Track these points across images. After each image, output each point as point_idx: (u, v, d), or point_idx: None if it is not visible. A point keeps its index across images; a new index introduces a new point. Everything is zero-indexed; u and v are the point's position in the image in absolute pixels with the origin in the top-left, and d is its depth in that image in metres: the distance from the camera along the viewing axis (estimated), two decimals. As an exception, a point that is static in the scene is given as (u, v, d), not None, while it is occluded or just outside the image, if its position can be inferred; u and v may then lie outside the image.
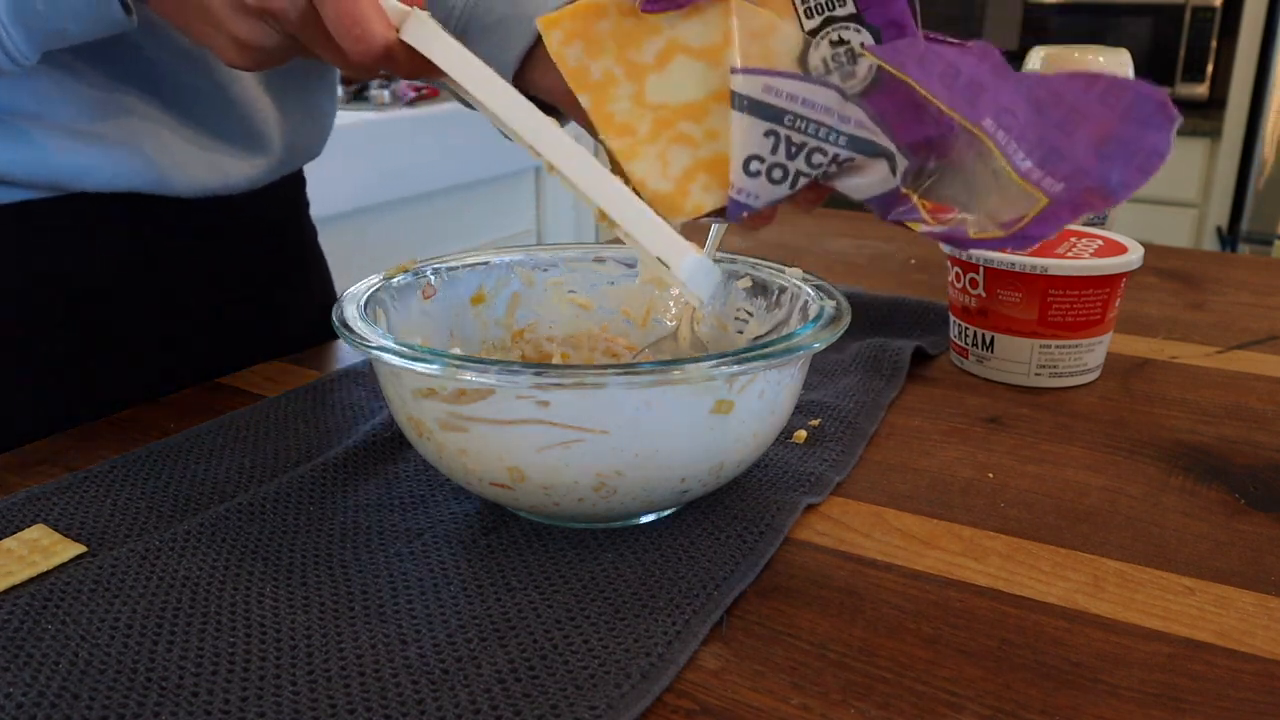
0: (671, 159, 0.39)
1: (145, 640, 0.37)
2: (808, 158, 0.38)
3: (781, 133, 0.38)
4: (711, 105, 0.38)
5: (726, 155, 0.39)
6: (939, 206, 0.39)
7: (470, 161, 2.50)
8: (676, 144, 0.39)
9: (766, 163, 0.38)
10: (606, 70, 0.39)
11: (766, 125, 0.38)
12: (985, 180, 0.37)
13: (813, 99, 0.37)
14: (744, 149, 0.38)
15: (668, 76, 0.38)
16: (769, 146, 0.38)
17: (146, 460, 0.51)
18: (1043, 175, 0.35)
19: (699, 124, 0.39)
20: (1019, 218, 0.36)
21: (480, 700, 0.33)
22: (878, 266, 0.92)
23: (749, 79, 0.37)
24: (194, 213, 0.65)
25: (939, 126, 0.37)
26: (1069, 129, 0.35)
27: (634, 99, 0.39)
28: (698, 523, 0.45)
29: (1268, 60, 2.21)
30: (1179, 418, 0.58)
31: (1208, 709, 0.34)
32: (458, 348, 0.54)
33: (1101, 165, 0.35)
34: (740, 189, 0.39)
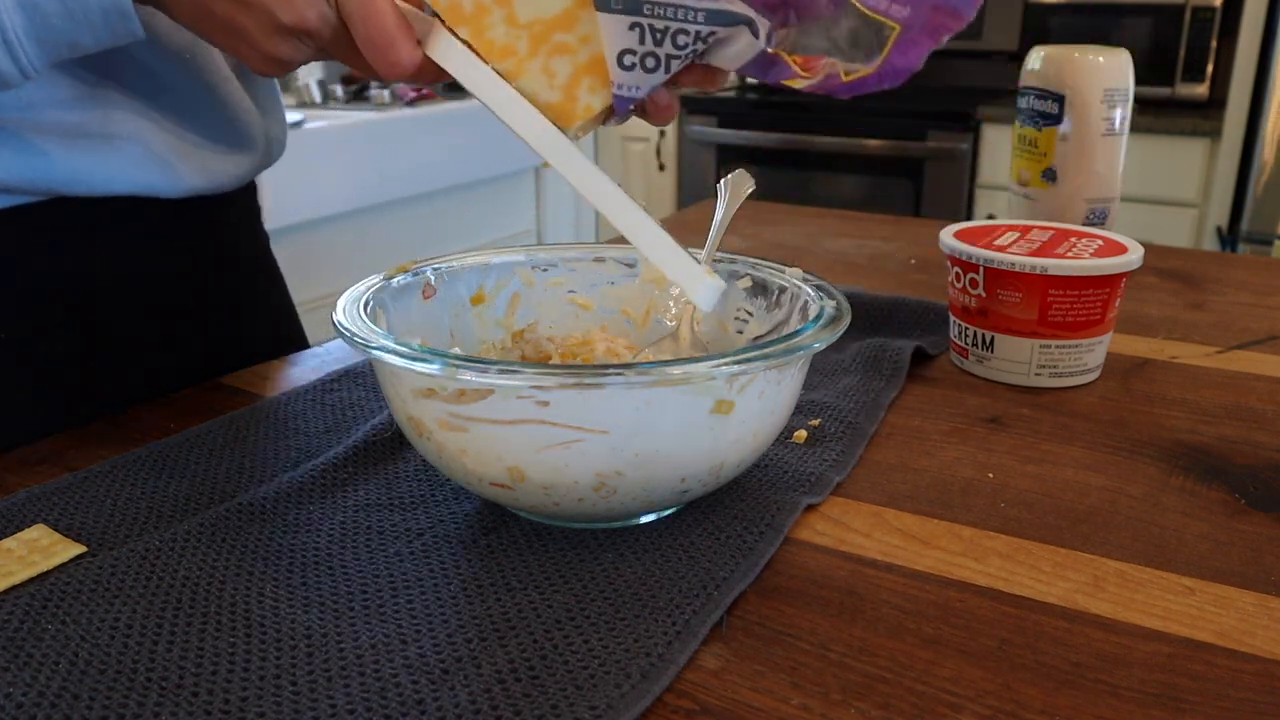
0: (555, 69, 0.42)
1: (145, 640, 0.37)
2: (673, 40, 0.40)
3: (644, 22, 0.40)
4: (579, 12, 0.41)
5: (602, 55, 0.41)
6: (808, 59, 0.42)
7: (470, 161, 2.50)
8: (556, 55, 0.41)
9: (638, 53, 0.41)
10: (477, 1, 0.41)
11: (629, 19, 0.40)
12: (842, 24, 0.40)
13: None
14: (615, 45, 0.41)
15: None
16: (636, 38, 0.40)
17: (146, 460, 0.51)
18: (889, 4, 0.38)
19: (572, 32, 0.41)
20: (879, 51, 0.39)
21: (480, 700, 0.33)
22: (878, 266, 0.92)
23: None
24: (185, 212, 0.65)
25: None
26: None
27: (507, 21, 0.41)
28: (698, 523, 0.45)
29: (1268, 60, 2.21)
30: (1179, 418, 0.58)
31: (1208, 709, 0.34)
32: (458, 348, 0.54)
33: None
34: (620, 84, 0.41)
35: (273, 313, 0.77)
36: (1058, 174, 0.86)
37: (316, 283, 1.81)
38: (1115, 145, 0.86)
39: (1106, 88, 0.84)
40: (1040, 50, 0.87)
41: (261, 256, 0.77)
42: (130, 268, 0.63)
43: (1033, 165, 0.88)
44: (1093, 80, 0.84)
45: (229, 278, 0.71)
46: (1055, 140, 0.86)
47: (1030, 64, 0.88)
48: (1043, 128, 0.86)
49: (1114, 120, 0.85)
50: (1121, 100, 0.85)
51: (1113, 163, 0.86)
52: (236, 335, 0.71)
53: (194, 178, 0.62)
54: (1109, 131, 0.85)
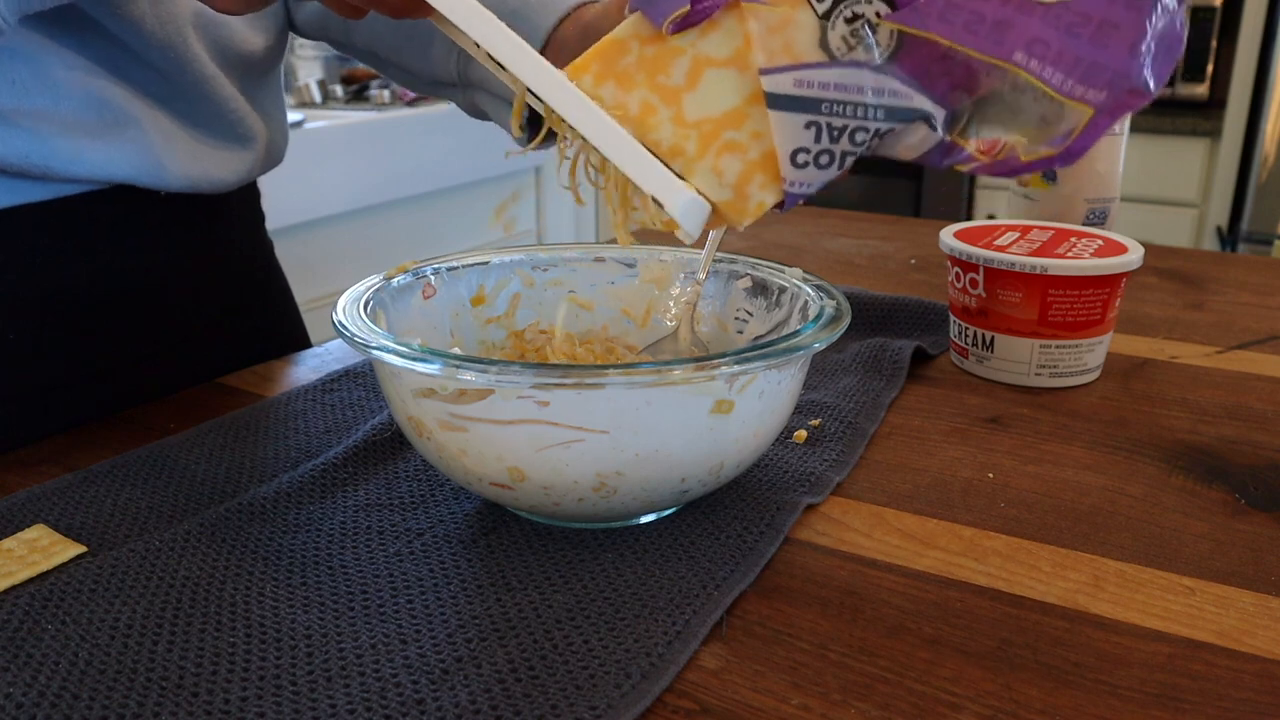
0: (724, 168, 0.40)
1: (145, 640, 0.37)
2: (851, 137, 0.39)
3: (821, 121, 0.39)
4: (749, 109, 0.39)
5: (774, 152, 0.40)
6: (988, 142, 0.40)
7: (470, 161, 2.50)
8: (726, 153, 0.40)
9: (813, 152, 0.39)
10: (643, 101, 0.40)
11: (805, 117, 0.39)
12: (1026, 105, 0.39)
13: (843, 82, 0.38)
14: (788, 144, 0.39)
15: (702, 92, 0.39)
16: (812, 137, 0.39)
17: (146, 460, 0.51)
18: (1085, 89, 0.37)
19: (741, 129, 0.40)
20: (1068, 134, 0.38)
21: (480, 700, 0.33)
22: (878, 266, 0.92)
23: (777, 77, 0.38)
24: (186, 212, 0.65)
25: (968, 69, 0.38)
26: (1102, 42, 0.36)
27: (675, 121, 0.40)
28: (698, 523, 0.45)
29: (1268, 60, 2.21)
30: (1179, 418, 0.58)
31: (1208, 709, 0.34)
32: (458, 348, 0.54)
33: (1136, 64, 0.36)
34: (792, 181, 0.40)
35: (277, 317, 0.78)
36: (1058, 174, 0.86)
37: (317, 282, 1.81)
38: (1115, 145, 0.86)
39: (1106, 88, 0.84)
40: (1040, 50, 0.87)
41: (265, 259, 0.77)
42: (132, 269, 0.63)
43: (1033, 165, 0.88)
44: (1093, 80, 0.84)
45: (232, 280, 0.71)
46: (1055, 140, 0.86)
47: (1030, 64, 0.88)
48: None
49: (1114, 120, 0.85)
50: (1121, 100, 0.85)
51: (1113, 163, 0.86)
52: (241, 339, 0.71)
53: (191, 170, 0.62)
54: (1109, 131, 0.85)
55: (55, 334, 0.60)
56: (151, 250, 0.64)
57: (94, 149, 0.57)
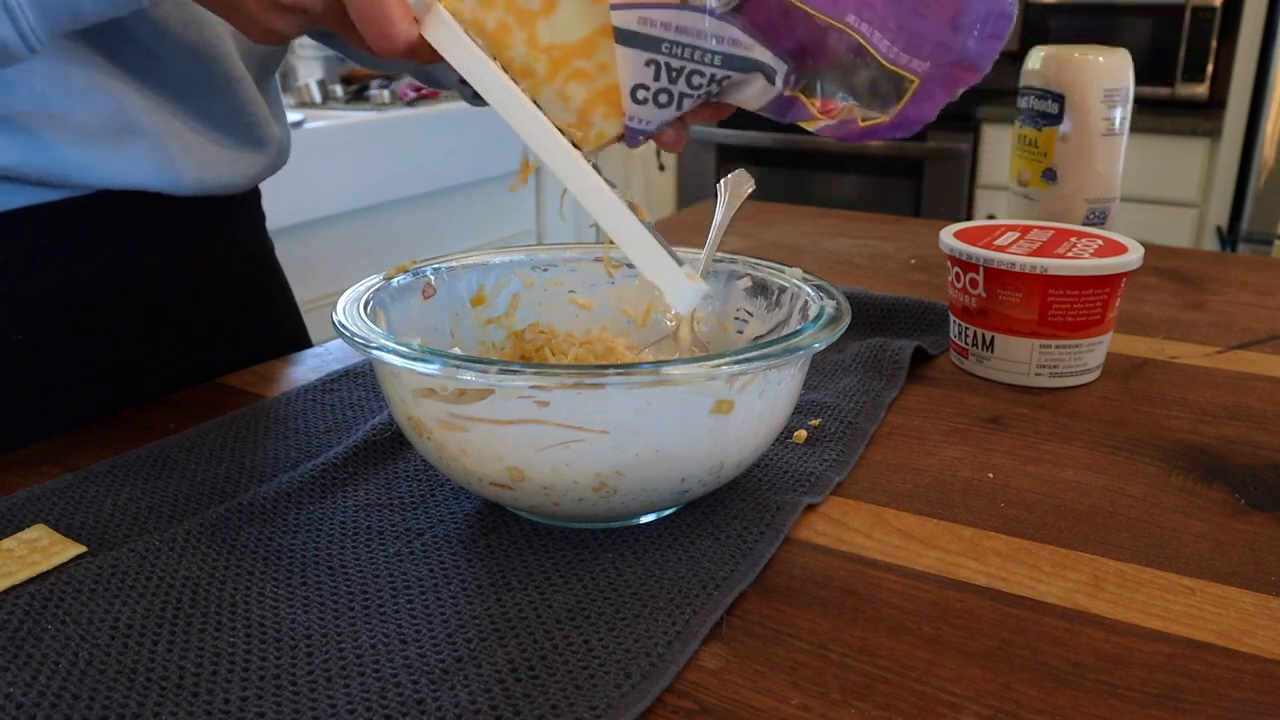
0: (570, 94, 0.42)
1: (145, 640, 0.37)
2: (688, 80, 0.41)
3: (661, 60, 0.41)
4: (599, 40, 0.41)
5: (618, 85, 0.42)
6: (826, 102, 0.42)
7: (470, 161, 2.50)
8: (573, 80, 0.42)
9: (652, 89, 0.41)
10: (500, 20, 0.41)
11: (646, 55, 0.41)
12: (862, 72, 0.41)
13: (685, 24, 0.40)
14: (630, 79, 0.41)
15: (557, 18, 0.41)
16: (651, 74, 0.41)
17: (146, 460, 0.51)
18: (909, 58, 0.39)
19: (590, 59, 0.42)
20: (896, 101, 0.40)
21: (480, 700, 0.33)
22: (878, 266, 0.92)
23: (625, 13, 0.40)
24: (188, 212, 0.65)
25: (810, 29, 0.40)
26: (922, 11, 0.38)
27: (528, 43, 0.42)
28: (698, 523, 0.45)
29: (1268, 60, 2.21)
30: (1179, 418, 0.58)
31: (1208, 709, 0.34)
32: (458, 348, 0.54)
33: (958, 37, 0.38)
34: (633, 116, 0.42)
35: (277, 317, 0.78)
36: (1058, 174, 0.86)
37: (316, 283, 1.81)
38: (1115, 145, 0.86)
39: (1106, 88, 0.84)
40: (1040, 50, 0.87)
41: (265, 259, 0.77)
42: (132, 269, 0.63)
43: (1033, 165, 0.88)
44: (1093, 80, 0.84)
45: (232, 280, 0.71)
46: (1055, 140, 0.86)
47: (1030, 64, 0.88)
48: (1043, 128, 0.86)
49: (1114, 120, 0.85)
50: (1121, 100, 0.85)
51: (1113, 163, 0.86)
52: (241, 339, 0.71)
53: (204, 175, 0.62)
54: (1109, 131, 0.85)
55: (55, 334, 0.60)
56: (152, 250, 0.64)
57: (109, 157, 0.57)
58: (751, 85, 0.41)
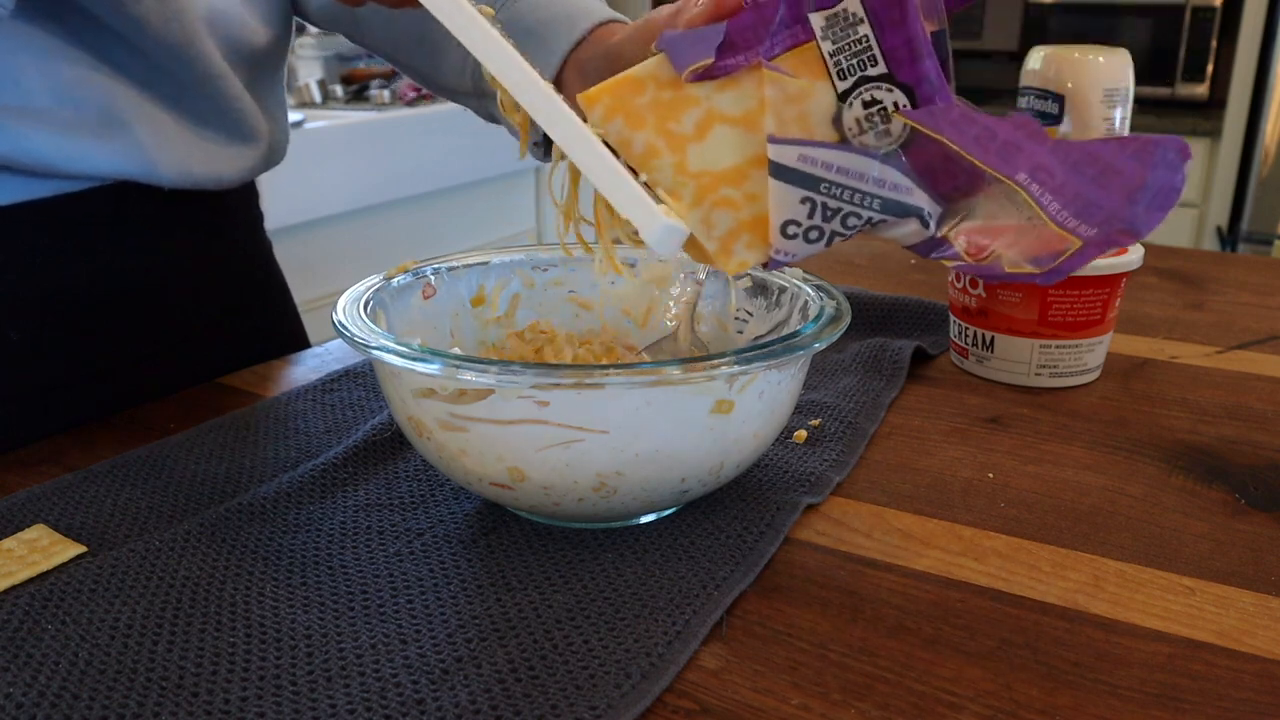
0: (715, 222, 0.40)
1: (145, 640, 0.37)
2: (843, 220, 0.39)
3: (817, 200, 0.39)
4: (750, 170, 0.40)
5: (766, 216, 0.40)
6: (973, 246, 0.41)
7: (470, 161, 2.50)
8: (719, 208, 0.40)
9: (803, 226, 0.40)
10: (648, 143, 0.40)
11: (803, 193, 0.39)
12: (1019, 221, 0.39)
13: (847, 166, 0.39)
14: (781, 214, 0.39)
15: (708, 145, 0.40)
16: (805, 212, 0.39)
17: (146, 460, 0.51)
18: (1079, 224, 0.38)
19: (739, 188, 0.40)
20: (1054, 257, 0.38)
21: (480, 700, 0.33)
22: (878, 266, 0.92)
23: (784, 149, 0.39)
24: (186, 211, 0.65)
25: (971, 176, 0.38)
26: (1104, 184, 0.37)
27: (676, 168, 0.40)
28: (698, 523, 0.45)
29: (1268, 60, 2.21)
30: (1179, 418, 0.58)
31: (1208, 709, 0.34)
32: (458, 348, 0.54)
33: (1132, 208, 0.37)
34: (779, 249, 0.40)
35: (277, 317, 0.78)
36: (1058, 174, 0.86)
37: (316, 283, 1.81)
38: (1115, 145, 0.86)
39: (1106, 88, 0.84)
40: (1040, 50, 0.87)
41: (264, 259, 0.77)
42: (132, 269, 0.63)
43: (1033, 165, 0.88)
44: (1093, 80, 0.84)
45: (232, 280, 0.71)
46: (1055, 140, 0.86)
47: (1030, 64, 0.88)
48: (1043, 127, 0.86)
49: (1114, 120, 0.85)
50: (1121, 100, 0.85)
51: (1113, 163, 0.86)
52: (240, 339, 0.71)
53: (195, 167, 0.62)
54: (1109, 132, 0.85)
55: (55, 334, 0.60)
56: (151, 250, 0.64)
57: (94, 148, 0.57)
58: (905, 226, 0.40)
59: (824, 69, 0.38)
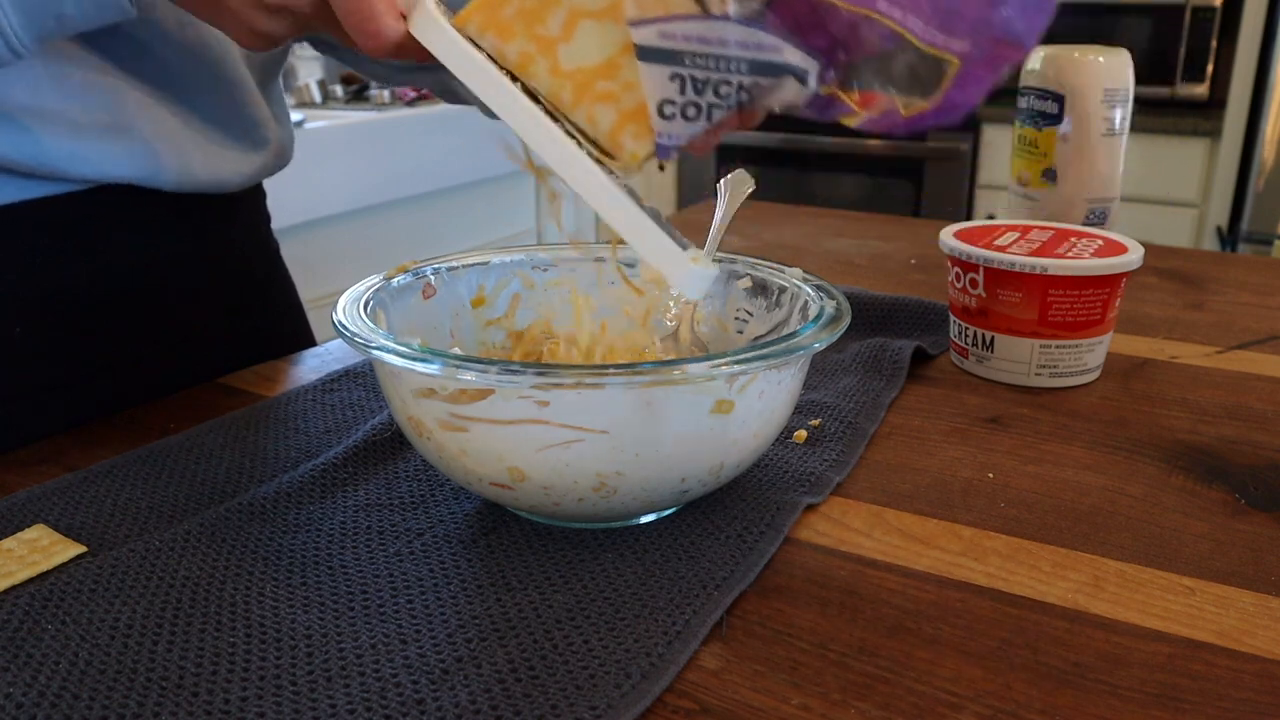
0: (598, 117, 0.41)
1: (145, 640, 0.37)
2: (715, 91, 0.40)
3: (685, 74, 0.40)
4: (621, 59, 0.41)
5: (645, 103, 0.41)
6: (866, 95, 0.41)
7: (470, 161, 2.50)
8: (599, 103, 0.41)
9: (679, 104, 0.40)
10: (521, 51, 0.41)
11: (670, 69, 0.40)
12: (899, 59, 0.39)
13: (708, 35, 0.39)
14: (655, 95, 0.40)
15: (576, 43, 0.41)
16: (676, 89, 0.40)
17: (146, 460, 0.51)
18: (947, 38, 0.38)
19: (614, 80, 0.41)
20: (938, 86, 0.39)
21: (480, 700, 0.33)
22: (878, 266, 0.92)
23: (644, 29, 0.39)
24: (188, 211, 0.65)
25: (840, 22, 0.39)
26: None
27: (551, 71, 0.41)
28: (698, 523, 0.45)
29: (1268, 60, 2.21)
30: (1179, 418, 0.58)
31: (1208, 709, 0.34)
32: (458, 348, 0.54)
33: (998, 12, 0.37)
34: (661, 132, 0.41)
35: (278, 317, 0.77)
36: (1058, 174, 0.86)
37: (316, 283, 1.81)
38: (1115, 145, 0.86)
39: (1106, 88, 0.84)
40: (1040, 50, 0.87)
41: (268, 259, 0.77)
42: (132, 268, 0.63)
43: (1033, 165, 0.88)
44: (1093, 80, 0.84)
45: (232, 280, 0.71)
46: (1055, 140, 0.86)
47: (1030, 64, 0.88)
48: (1043, 128, 0.86)
49: (1114, 120, 0.85)
50: (1121, 100, 0.85)
51: (1113, 163, 0.86)
52: (242, 339, 0.71)
53: (199, 172, 0.62)
54: (1109, 131, 0.85)
55: (55, 333, 0.60)
56: (152, 249, 0.64)
57: (99, 150, 0.57)
58: (783, 88, 0.40)
59: None
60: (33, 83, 0.54)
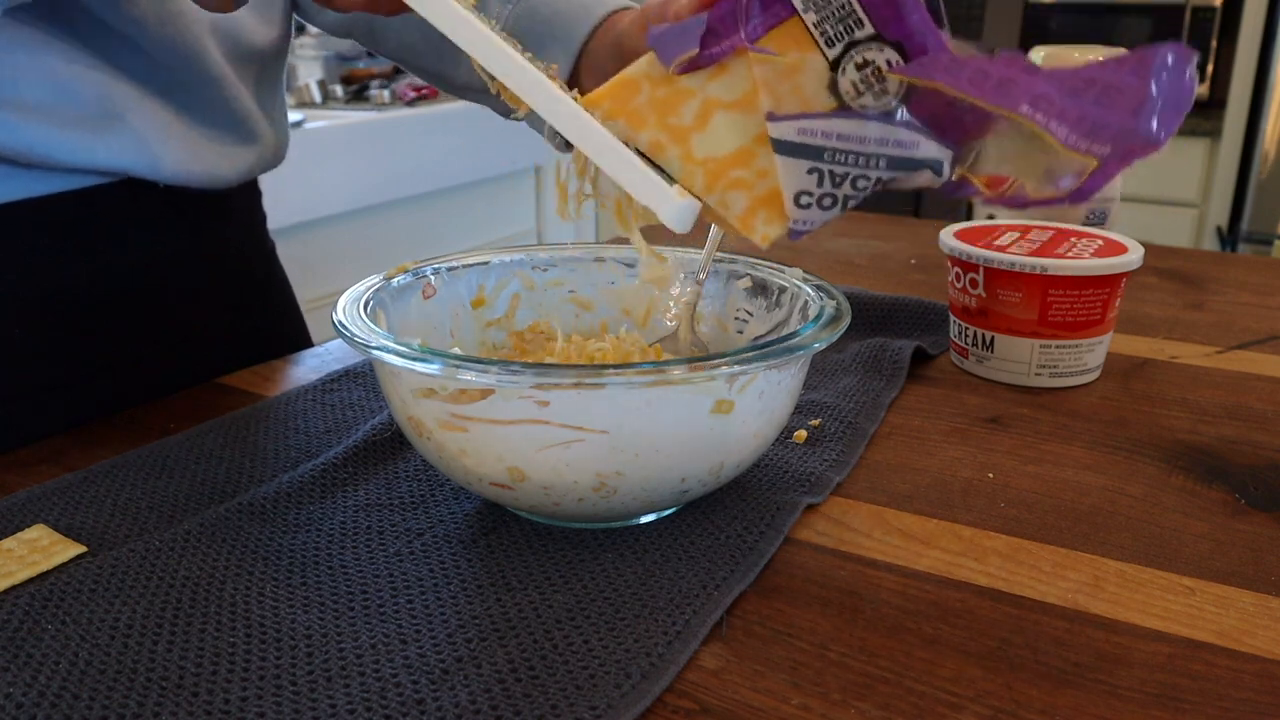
0: (731, 203, 0.41)
1: (145, 640, 0.37)
2: (853, 184, 0.40)
3: (824, 168, 0.40)
4: (756, 149, 0.40)
5: (778, 190, 0.41)
6: (993, 179, 0.41)
7: (470, 161, 2.50)
8: (732, 190, 0.41)
9: (815, 195, 0.40)
10: (653, 140, 0.41)
11: (809, 164, 0.40)
12: (1033, 150, 0.39)
13: (846, 132, 0.39)
14: (792, 187, 0.40)
15: (710, 132, 0.41)
16: (814, 181, 0.40)
17: (146, 460, 0.51)
18: (1090, 144, 0.38)
19: (748, 168, 0.41)
20: (1076, 177, 0.39)
21: (480, 700, 0.33)
22: (878, 266, 0.92)
23: (783, 125, 0.39)
24: (186, 211, 0.65)
25: (977, 117, 0.39)
26: (1107, 103, 0.37)
27: (683, 158, 0.41)
28: (698, 523, 0.45)
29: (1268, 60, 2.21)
30: (1179, 418, 0.58)
31: (1208, 709, 0.34)
32: (458, 348, 0.54)
33: (1142, 122, 0.37)
34: (796, 220, 0.41)
35: (277, 317, 0.78)
36: (1058, 174, 0.86)
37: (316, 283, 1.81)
38: (1115, 145, 0.85)
39: (1106, 88, 0.84)
40: (1040, 50, 0.87)
41: (265, 259, 0.77)
42: (132, 268, 0.63)
43: (1033, 165, 0.88)
44: (1093, 80, 0.84)
45: (232, 280, 0.71)
46: (1055, 140, 0.86)
47: (1030, 64, 0.88)
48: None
49: (1114, 120, 0.85)
50: (1121, 100, 0.85)
51: (1113, 163, 0.86)
52: (241, 339, 0.71)
53: (188, 164, 0.62)
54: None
55: (55, 333, 0.60)
56: (152, 250, 0.64)
57: (92, 141, 0.57)
58: (917, 179, 0.40)
59: (811, 40, 0.39)
60: (17, 78, 0.54)
